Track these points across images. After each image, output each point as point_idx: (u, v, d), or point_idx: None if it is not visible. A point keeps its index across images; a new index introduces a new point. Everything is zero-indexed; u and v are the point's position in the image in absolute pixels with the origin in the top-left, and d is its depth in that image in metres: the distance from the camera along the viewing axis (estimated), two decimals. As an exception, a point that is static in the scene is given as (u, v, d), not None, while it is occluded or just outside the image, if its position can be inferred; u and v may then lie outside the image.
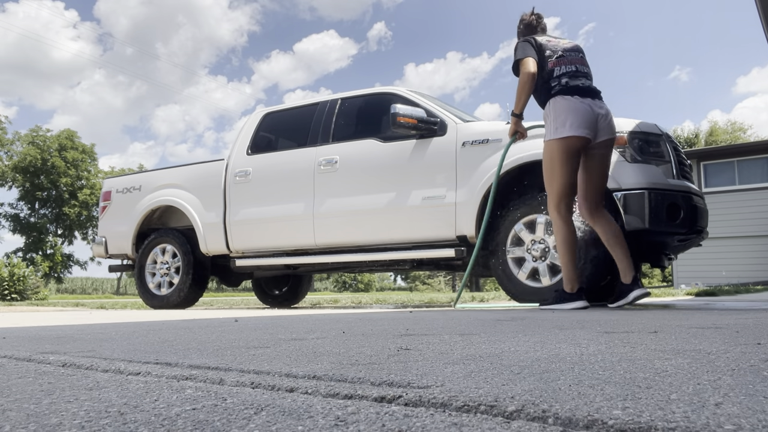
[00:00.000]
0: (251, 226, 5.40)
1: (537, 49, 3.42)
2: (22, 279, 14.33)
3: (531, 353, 1.31)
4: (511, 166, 4.18)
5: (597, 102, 3.33)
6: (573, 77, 3.34)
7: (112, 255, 6.32)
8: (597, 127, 3.30)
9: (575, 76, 3.35)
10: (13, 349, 1.69)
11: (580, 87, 3.31)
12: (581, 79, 3.35)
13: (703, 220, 4.20)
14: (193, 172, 5.92)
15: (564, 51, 3.41)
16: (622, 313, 2.88)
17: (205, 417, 0.77)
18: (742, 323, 2.06)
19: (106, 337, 2.04)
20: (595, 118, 3.29)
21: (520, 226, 4.18)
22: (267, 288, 7.27)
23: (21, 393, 0.98)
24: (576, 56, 3.42)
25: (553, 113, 3.31)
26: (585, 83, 3.35)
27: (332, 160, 5.02)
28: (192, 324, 2.71)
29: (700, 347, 1.34)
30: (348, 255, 4.97)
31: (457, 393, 0.85)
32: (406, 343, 1.58)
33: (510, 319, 2.57)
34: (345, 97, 5.37)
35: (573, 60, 3.39)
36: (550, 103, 3.34)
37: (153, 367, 1.25)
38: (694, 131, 39.83)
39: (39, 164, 41.71)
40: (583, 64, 3.43)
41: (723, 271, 15.61)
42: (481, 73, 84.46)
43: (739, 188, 15.96)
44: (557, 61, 3.37)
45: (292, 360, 1.28)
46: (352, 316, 3.12)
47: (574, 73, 3.35)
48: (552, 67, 3.36)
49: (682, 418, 0.67)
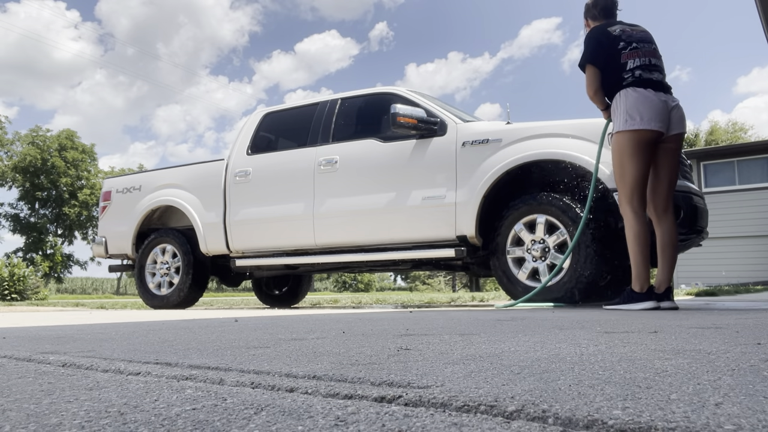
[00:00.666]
0: (251, 226, 5.40)
1: (610, 43, 3.28)
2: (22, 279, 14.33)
3: (531, 353, 1.31)
4: (511, 166, 4.18)
5: (670, 96, 3.24)
6: (646, 70, 3.23)
7: (112, 255, 6.32)
8: (670, 120, 3.20)
9: (649, 69, 3.24)
10: (13, 349, 1.69)
11: (653, 80, 3.21)
12: (654, 72, 3.25)
13: (703, 220, 4.20)
14: (193, 172, 5.93)
15: (638, 41, 3.27)
16: (622, 313, 2.88)
17: (205, 417, 0.77)
18: (742, 323, 2.06)
19: (106, 337, 2.04)
20: (668, 112, 3.18)
21: (520, 226, 4.18)
22: (267, 288, 7.27)
23: (21, 393, 0.98)
24: (650, 48, 3.29)
25: (624, 105, 3.19)
26: (658, 77, 3.25)
27: (332, 160, 5.02)
28: (192, 324, 2.71)
29: (700, 347, 1.34)
30: (348, 255, 4.97)
31: (457, 393, 0.85)
32: (406, 343, 1.58)
33: (510, 319, 2.57)
34: (345, 97, 5.37)
35: (647, 52, 3.27)
36: (621, 94, 3.23)
37: (153, 367, 1.25)
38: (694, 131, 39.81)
39: (39, 164, 41.72)
40: (656, 56, 3.30)
41: (723, 271, 15.61)
42: (483, 73, 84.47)
43: (739, 188, 15.96)
44: (631, 53, 3.24)
45: (292, 360, 1.28)
46: (352, 316, 3.12)
47: (647, 65, 3.24)
48: (625, 59, 3.24)
49: (682, 418, 0.67)
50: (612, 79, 3.29)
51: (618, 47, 3.26)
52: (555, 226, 4.06)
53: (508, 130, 4.33)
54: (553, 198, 4.06)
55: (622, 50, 3.25)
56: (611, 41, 3.28)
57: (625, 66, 3.24)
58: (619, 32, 3.29)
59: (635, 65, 3.23)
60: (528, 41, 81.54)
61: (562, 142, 4.08)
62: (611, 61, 3.27)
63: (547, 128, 4.21)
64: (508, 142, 4.26)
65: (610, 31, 3.30)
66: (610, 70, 3.28)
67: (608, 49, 3.28)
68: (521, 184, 4.39)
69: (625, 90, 3.20)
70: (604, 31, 3.31)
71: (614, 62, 3.26)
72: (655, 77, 3.22)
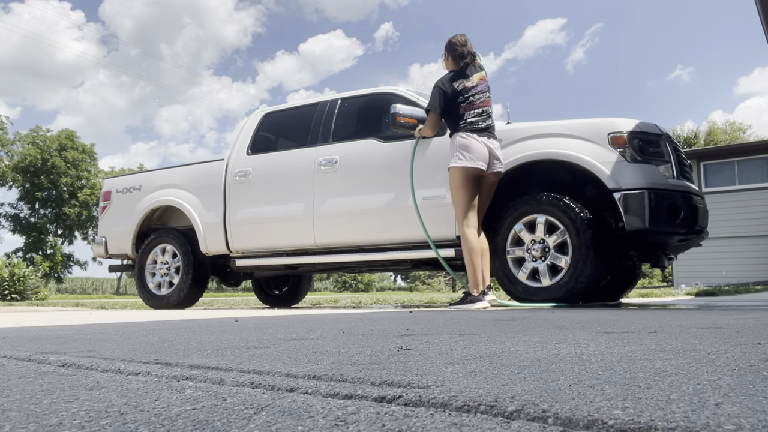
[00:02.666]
0: (251, 226, 5.40)
1: (453, 95, 3.99)
2: (23, 279, 14.33)
3: (531, 353, 1.31)
4: (511, 165, 4.18)
5: (492, 140, 4.02)
6: (477, 119, 3.98)
7: (112, 255, 6.32)
8: (490, 160, 3.96)
9: (480, 118, 3.99)
10: (13, 349, 1.69)
11: (481, 128, 3.97)
12: (484, 121, 4.00)
13: (703, 220, 4.21)
14: (193, 172, 5.92)
15: (475, 95, 4.00)
16: (622, 313, 2.88)
17: (205, 417, 0.77)
18: (742, 323, 2.06)
19: (106, 337, 2.04)
20: (488, 153, 3.95)
21: (520, 226, 4.18)
22: (267, 288, 7.27)
23: (21, 393, 0.98)
24: (483, 98, 4.04)
25: (457, 145, 3.94)
26: (486, 124, 4.00)
27: (332, 160, 5.02)
28: (192, 324, 2.71)
29: (700, 347, 1.34)
30: (348, 255, 4.97)
31: (457, 393, 0.85)
32: (406, 343, 1.58)
33: (510, 319, 2.57)
34: (345, 97, 5.37)
35: (481, 104, 4.01)
36: (456, 136, 3.96)
37: (153, 367, 1.25)
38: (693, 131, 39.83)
39: (39, 164, 41.72)
40: (487, 105, 4.06)
41: (723, 271, 15.61)
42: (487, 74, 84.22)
43: (739, 188, 15.96)
44: (467, 107, 3.98)
45: (292, 360, 1.28)
46: (352, 316, 3.12)
47: (479, 115, 3.99)
48: (462, 111, 3.98)
49: (682, 418, 0.67)
50: (450, 122, 4.06)
51: (458, 101, 3.99)
52: (555, 226, 4.06)
53: (508, 130, 4.32)
54: (553, 198, 4.06)
55: (461, 103, 3.98)
56: (454, 94, 4.01)
57: (462, 116, 3.98)
58: (462, 88, 4.01)
59: (469, 116, 3.97)
60: (532, 42, 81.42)
61: (562, 142, 4.08)
62: (452, 110, 4.02)
63: (547, 128, 4.21)
64: (508, 142, 4.26)
65: (455, 86, 4.02)
66: (449, 116, 4.04)
67: (450, 100, 4.01)
68: (521, 184, 4.39)
69: (459, 134, 3.95)
70: (450, 85, 4.03)
71: (454, 111, 4.01)
72: (482, 125, 3.98)
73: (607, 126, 4.02)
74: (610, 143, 3.94)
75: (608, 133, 3.97)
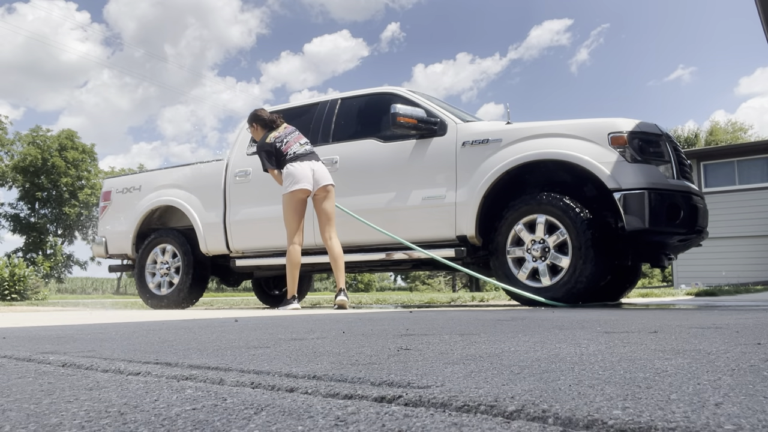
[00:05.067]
0: (251, 225, 5.40)
1: (272, 148, 4.66)
2: (23, 279, 14.34)
3: (531, 353, 1.31)
4: (511, 165, 4.18)
5: (313, 162, 4.61)
6: (297, 149, 4.64)
7: (112, 255, 6.32)
8: (315, 180, 4.55)
9: (299, 148, 4.65)
10: (13, 349, 1.69)
11: (300, 154, 4.61)
12: (303, 147, 4.67)
13: (703, 220, 4.20)
14: (193, 172, 5.92)
15: (286, 136, 4.69)
16: (622, 313, 2.88)
17: (205, 417, 0.77)
18: (742, 323, 2.06)
19: (106, 337, 2.04)
20: (311, 174, 4.55)
21: (520, 226, 4.18)
22: (267, 288, 7.26)
23: (21, 393, 0.98)
24: (294, 136, 4.73)
25: (287, 175, 4.54)
26: (304, 151, 4.65)
27: (332, 160, 5.02)
28: (192, 324, 2.71)
29: (700, 347, 1.34)
30: (348, 255, 4.97)
31: (457, 393, 0.85)
32: (406, 343, 1.58)
33: (510, 319, 2.57)
34: (345, 97, 5.37)
35: (293, 139, 4.69)
36: (285, 168, 4.58)
37: (153, 367, 1.25)
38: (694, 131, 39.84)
39: (39, 164, 41.72)
40: (300, 137, 4.75)
41: (723, 271, 15.61)
42: (490, 75, 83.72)
43: (739, 188, 15.96)
44: (286, 146, 4.64)
45: (292, 360, 1.28)
46: (352, 316, 3.12)
47: (297, 146, 4.66)
48: (285, 149, 4.64)
49: (682, 418, 0.67)
50: (281, 161, 4.67)
51: (278, 146, 4.65)
52: (555, 226, 4.06)
53: (508, 130, 4.33)
54: (553, 198, 4.06)
55: (280, 146, 4.65)
56: (273, 146, 4.67)
57: (286, 153, 4.63)
58: (273, 140, 4.68)
59: (291, 150, 4.63)
60: (537, 42, 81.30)
61: (562, 142, 4.08)
62: (278, 155, 4.66)
63: (547, 128, 4.21)
64: (508, 142, 4.26)
65: (268, 142, 4.68)
66: (278, 158, 4.67)
67: (275, 152, 4.67)
68: (521, 184, 4.39)
69: (286, 166, 4.58)
70: (266, 144, 4.70)
71: (279, 154, 4.65)
72: (301, 152, 4.63)
73: (607, 126, 4.02)
74: (610, 143, 3.94)
75: (608, 133, 3.97)
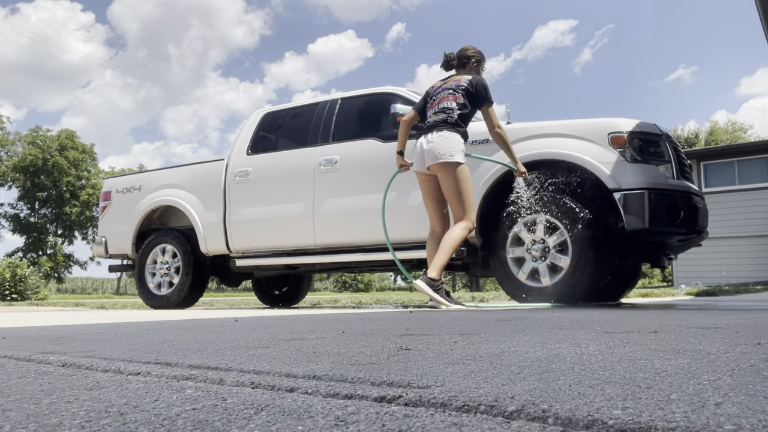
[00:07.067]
0: (251, 226, 5.40)
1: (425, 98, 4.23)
2: (23, 279, 14.35)
3: (531, 353, 1.31)
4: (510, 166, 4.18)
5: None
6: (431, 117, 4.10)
7: (112, 255, 6.32)
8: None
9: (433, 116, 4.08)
10: (13, 349, 1.69)
11: (428, 126, 4.08)
12: (436, 117, 4.06)
13: (703, 220, 4.20)
14: (193, 172, 5.92)
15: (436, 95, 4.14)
16: (622, 313, 2.88)
17: (205, 417, 0.77)
18: (742, 323, 2.06)
19: (106, 337, 2.04)
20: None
21: (520, 226, 4.18)
22: (267, 288, 7.27)
23: (21, 393, 0.98)
24: (443, 95, 4.10)
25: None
26: (435, 121, 4.04)
27: (332, 160, 5.02)
28: (192, 324, 2.71)
29: (700, 347, 1.34)
30: (348, 255, 4.97)
31: (457, 393, 0.85)
32: (406, 343, 1.58)
33: (510, 319, 2.57)
34: (345, 97, 5.37)
35: (439, 100, 4.10)
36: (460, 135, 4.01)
37: (153, 367, 1.25)
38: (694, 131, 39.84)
39: (39, 164, 41.72)
40: (443, 101, 4.07)
41: (723, 271, 15.61)
42: (494, 75, 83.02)
43: (739, 188, 15.96)
44: (429, 105, 4.16)
45: (292, 360, 1.28)
46: (352, 316, 3.12)
47: (434, 113, 4.09)
48: (428, 110, 4.16)
49: (682, 418, 0.67)
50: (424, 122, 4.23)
51: (426, 102, 4.20)
52: (555, 226, 4.06)
53: (508, 130, 4.32)
54: (554, 198, 4.06)
55: (427, 104, 4.19)
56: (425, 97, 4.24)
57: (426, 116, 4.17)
58: (431, 89, 4.22)
59: (428, 115, 4.13)
60: (541, 43, 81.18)
61: (562, 142, 4.08)
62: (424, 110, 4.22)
63: (547, 128, 4.21)
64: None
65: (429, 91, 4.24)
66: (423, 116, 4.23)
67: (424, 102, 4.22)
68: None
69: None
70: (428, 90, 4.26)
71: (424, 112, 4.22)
72: (431, 123, 4.06)
73: (607, 126, 4.02)
74: (610, 143, 3.94)
75: (608, 133, 3.97)
